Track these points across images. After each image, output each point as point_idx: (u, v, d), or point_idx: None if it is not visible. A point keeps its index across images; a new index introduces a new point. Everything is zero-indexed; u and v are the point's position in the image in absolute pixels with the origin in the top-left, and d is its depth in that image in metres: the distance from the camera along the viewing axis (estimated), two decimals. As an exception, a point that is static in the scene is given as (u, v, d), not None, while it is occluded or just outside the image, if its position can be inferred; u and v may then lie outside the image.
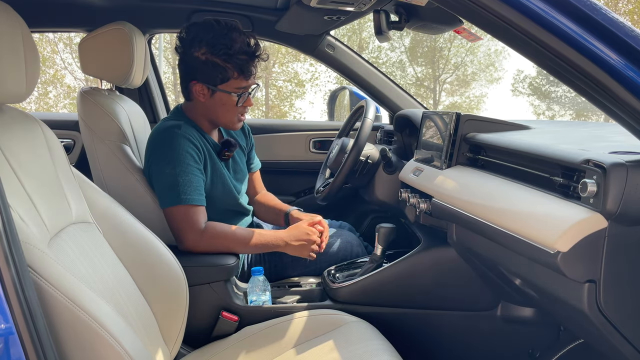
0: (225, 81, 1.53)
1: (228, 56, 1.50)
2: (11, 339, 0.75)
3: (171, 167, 1.49)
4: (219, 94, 1.55)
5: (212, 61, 1.51)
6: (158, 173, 1.53)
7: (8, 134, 1.04)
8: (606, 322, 0.96)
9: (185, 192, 1.48)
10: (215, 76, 1.52)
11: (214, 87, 1.54)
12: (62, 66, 16.22)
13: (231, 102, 1.56)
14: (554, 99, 19.65)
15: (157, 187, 1.54)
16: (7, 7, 0.99)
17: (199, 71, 1.53)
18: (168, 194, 1.50)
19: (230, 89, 1.54)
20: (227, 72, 1.52)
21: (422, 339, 1.56)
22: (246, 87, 1.57)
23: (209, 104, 1.58)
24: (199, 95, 1.57)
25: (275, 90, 18.58)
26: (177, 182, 1.48)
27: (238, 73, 1.52)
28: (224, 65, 1.51)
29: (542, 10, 0.79)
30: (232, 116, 1.60)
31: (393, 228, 1.59)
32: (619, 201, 0.88)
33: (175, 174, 1.49)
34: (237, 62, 1.51)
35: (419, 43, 18.91)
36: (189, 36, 1.53)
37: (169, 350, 1.28)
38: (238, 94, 1.56)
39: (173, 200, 1.49)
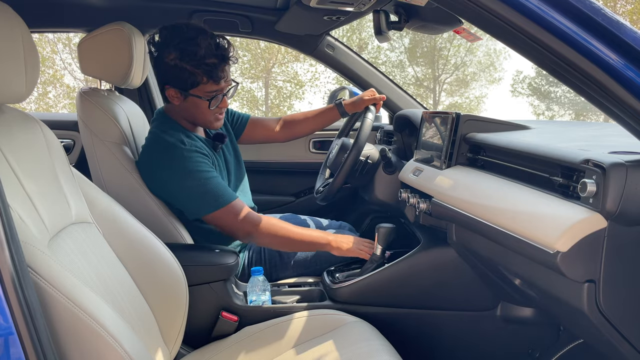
0: (195, 86, 1.53)
1: (196, 62, 1.49)
2: (11, 339, 0.75)
3: (193, 179, 1.50)
4: (191, 98, 1.56)
5: (181, 67, 1.50)
6: (180, 189, 1.52)
7: (8, 134, 1.03)
8: (606, 322, 0.96)
9: (221, 195, 1.51)
10: (185, 81, 1.52)
11: (185, 92, 1.55)
12: (61, 66, 16.23)
13: (204, 105, 1.57)
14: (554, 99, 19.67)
15: (186, 201, 1.55)
16: (6, 7, 0.99)
17: (170, 76, 1.53)
18: (204, 203, 1.51)
19: (201, 93, 1.55)
20: (196, 78, 1.52)
21: (421, 339, 1.56)
22: (218, 91, 1.56)
23: (184, 106, 1.59)
24: (173, 99, 1.58)
25: (275, 91, 18.59)
26: (206, 190, 1.50)
27: (207, 78, 1.52)
28: (192, 71, 1.51)
29: (542, 11, 0.79)
30: (208, 117, 1.61)
31: (393, 228, 1.59)
32: (618, 201, 0.88)
33: (200, 184, 1.50)
34: (206, 68, 1.50)
35: (419, 43, 18.92)
36: (160, 40, 1.53)
37: (168, 350, 1.28)
38: (209, 98, 1.56)
39: (212, 207, 1.51)
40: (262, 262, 1.75)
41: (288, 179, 2.56)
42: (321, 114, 2.00)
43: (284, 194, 2.55)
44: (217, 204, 1.51)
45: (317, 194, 1.93)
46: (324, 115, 1.99)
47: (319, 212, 2.27)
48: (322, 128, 2.02)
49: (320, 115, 2.00)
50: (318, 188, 1.98)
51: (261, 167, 2.46)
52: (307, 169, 2.47)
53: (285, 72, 18.31)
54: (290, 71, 18.29)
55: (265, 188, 1.90)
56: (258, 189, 1.99)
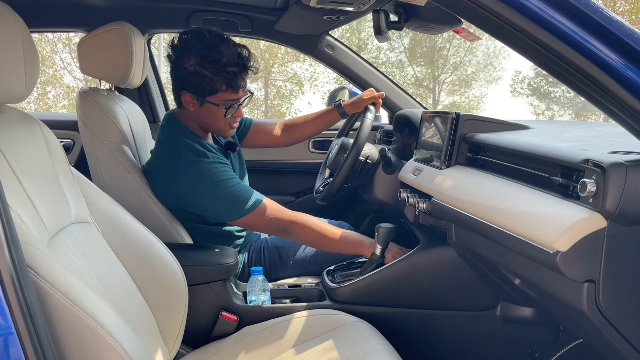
0: (214, 93, 1.53)
1: (216, 69, 1.49)
2: (11, 339, 0.75)
3: (220, 189, 1.50)
4: (207, 105, 1.55)
5: (200, 73, 1.50)
6: (208, 200, 1.52)
7: (8, 134, 1.03)
8: (605, 322, 0.96)
9: (249, 198, 1.52)
10: (203, 88, 1.52)
11: (202, 99, 1.54)
12: (61, 66, 16.23)
13: (220, 113, 1.56)
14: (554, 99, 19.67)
15: (216, 210, 1.55)
16: (6, 8, 0.99)
17: (188, 82, 1.52)
18: (233, 209, 1.52)
19: (218, 101, 1.54)
20: (215, 85, 1.51)
21: (421, 339, 1.56)
22: (235, 100, 1.56)
23: (199, 113, 1.58)
24: (188, 105, 1.57)
25: (275, 91, 18.59)
26: (235, 196, 1.51)
27: (226, 87, 1.52)
28: (212, 78, 1.50)
29: (542, 10, 0.79)
30: (223, 125, 1.61)
31: (393, 228, 1.59)
32: (618, 201, 0.88)
33: (228, 192, 1.50)
34: (226, 76, 1.50)
35: (419, 43, 18.92)
36: (181, 45, 1.53)
37: (168, 350, 1.28)
38: (226, 107, 1.55)
39: (243, 212, 1.52)
40: (262, 262, 1.75)
41: (288, 179, 2.56)
42: (321, 117, 2.00)
43: (284, 194, 2.55)
44: (248, 209, 1.52)
45: (317, 194, 1.93)
46: (324, 117, 1.99)
47: (319, 212, 2.26)
48: (323, 130, 2.03)
49: (321, 117, 2.00)
50: (318, 188, 1.98)
51: (261, 167, 2.46)
52: (307, 169, 2.47)
53: (285, 72, 18.32)
54: (290, 71, 18.30)
55: (265, 188, 1.90)
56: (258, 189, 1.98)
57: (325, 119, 1.99)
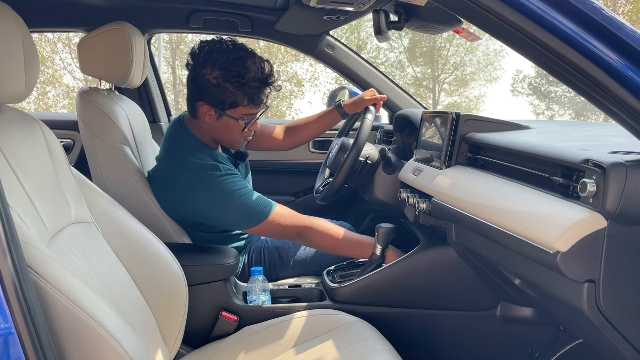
0: (234, 107, 1.50)
1: (240, 84, 1.46)
2: (11, 339, 0.75)
3: (234, 200, 1.49)
4: (225, 118, 1.52)
5: (223, 86, 1.47)
6: (223, 211, 1.52)
7: (8, 134, 1.03)
8: (605, 322, 0.96)
9: (262, 207, 1.52)
10: (224, 101, 1.49)
11: (221, 112, 1.51)
12: (61, 66, 16.22)
13: (238, 127, 1.55)
14: (554, 99, 19.66)
15: (229, 220, 1.55)
16: (6, 7, 0.99)
17: (208, 93, 1.49)
18: (247, 219, 1.52)
19: (238, 115, 1.52)
20: (237, 99, 1.49)
21: (421, 339, 1.56)
22: (255, 114, 1.54)
23: (215, 126, 1.55)
24: (205, 116, 1.53)
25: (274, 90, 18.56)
26: (248, 206, 1.50)
27: (248, 101, 1.50)
28: (234, 92, 1.48)
29: (542, 11, 0.79)
30: (238, 139, 1.59)
31: (393, 228, 1.59)
32: (618, 201, 0.88)
33: (242, 202, 1.50)
34: (249, 91, 1.48)
35: (418, 43, 18.91)
36: (203, 55, 1.49)
37: (168, 350, 1.28)
38: (246, 121, 1.54)
39: (256, 220, 1.52)
40: (262, 262, 1.75)
41: (288, 179, 2.56)
42: (322, 118, 1.99)
43: (284, 194, 2.55)
44: (261, 217, 1.52)
45: (317, 194, 1.93)
46: (324, 118, 1.99)
47: (318, 212, 2.27)
48: (324, 132, 2.03)
49: (321, 119, 1.99)
50: (318, 188, 1.98)
51: (261, 167, 2.46)
52: (307, 169, 2.47)
53: (285, 72, 18.30)
54: (290, 71, 18.29)
55: (265, 188, 1.90)
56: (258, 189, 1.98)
57: (326, 120, 1.99)
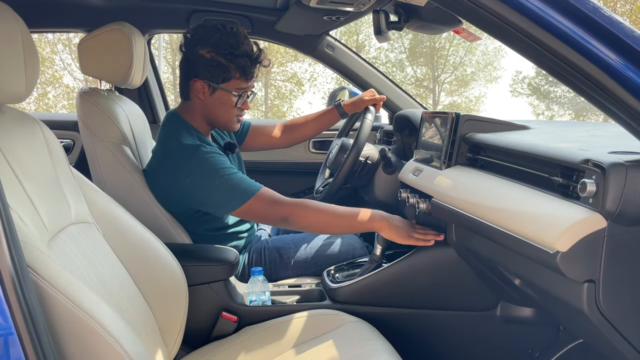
0: (227, 80, 1.56)
1: (232, 56, 1.53)
2: (11, 339, 0.75)
3: (218, 178, 1.49)
4: (219, 92, 1.57)
5: (216, 60, 1.53)
6: (207, 190, 1.51)
7: (8, 134, 1.03)
8: (605, 322, 0.96)
9: (246, 186, 1.50)
10: (217, 74, 1.55)
11: (215, 85, 1.56)
12: (61, 66, 16.23)
13: (230, 102, 1.58)
14: (553, 99, 19.66)
15: (214, 200, 1.53)
16: (6, 8, 0.99)
17: (201, 68, 1.55)
18: (232, 198, 1.50)
19: (231, 88, 1.57)
20: (230, 72, 1.55)
21: (421, 339, 1.56)
22: (245, 89, 1.59)
23: (208, 102, 1.59)
24: (199, 93, 1.58)
25: (275, 90, 18.58)
26: (232, 185, 1.49)
27: (240, 74, 1.55)
28: (227, 65, 1.54)
29: (541, 10, 0.79)
30: (231, 116, 1.62)
31: (392, 228, 1.59)
32: (618, 201, 0.88)
33: (225, 180, 1.49)
34: (241, 63, 1.54)
35: (418, 43, 18.92)
36: (196, 36, 1.56)
37: (168, 350, 1.28)
38: (238, 95, 1.58)
39: (242, 199, 1.49)
40: (262, 262, 1.75)
41: (288, 179, 2.56)
42: (321, 117, 2.00)
43: (283, 194, 2.55)
44: (247, 196, 1.50)
45: (317, 194, 1.93)
46: (323, 117, 2.00)
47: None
48: (322, 130, 2.03)
49: (320, 117, 2.00)
50: (318, 188, 1.98)
51: (261, 167, 2.46)
52: (307, 169, 2.47)
53: (285, 72, 18.31)
54: (290, 71, 18.30)
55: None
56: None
57: (324, 119, 1.99)
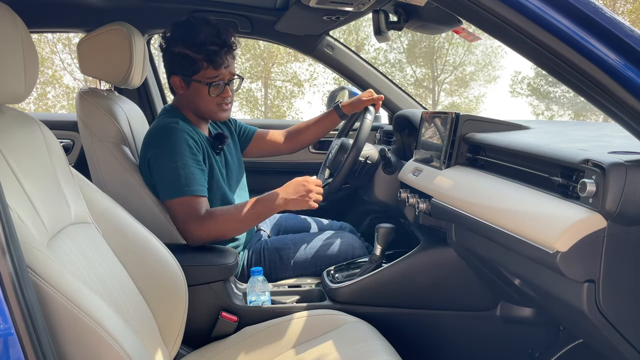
0: (197, 72, 1.58)
1: (197, 47, 1.55)
2: (10, 339, 0.75)
3: (172, 161, 1.51)
4: (193, 84, 1.61)
5: (183, 53, 1.57)
6: (158, 168, 1.54)
7: (7, 134, 1.03)
8: (605, 322, 0.96)
9: (187, 184, 1.50)
10: (187, 67, 1.58)
11: (187, 78, 1.60)
12: (61, 67, 16.22)
13: (204, 91, 1.61)
14: (553, 99, 19.67)
15: (158, 181, 1.55)
16: (5, 8, 0.99)
17: (174, 64, 1.60)
18: (169, 186, 1.51)
19: (202, 79, 1.59)
20: (197, 63, 1.57)
21: (421, 339, 1.56)
22: (218, 77, 1.60)
23: (187, 95, 1.63)
24: (178, 88, 1.63)
25: (274, 91, 18.58)
26: (178, 175, 1.50)
27: (207, 63, 1.57)
28: (193, 56, 1.57)
29: (541, 10, 0.79)
30: (211, 106, 1.64)
31: (392, 228, 1.59)
32: (618, 201, 0.88)
33: (176, 167, 1.50)
34: (206, 52, 1.56)
35: (418, 43, 18.92)
36: (168, 34, 1.61)
37: (168, 351, 1.28)
38: (208, 84, 1.59)
39: (174, 193, 1.50)
40: (261, 262, 1.75)
41: (288, 179, 2.55)
42: (322, 120, 1.99)
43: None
44: (180, 192, 1.50)
45: (317, 194, 1.92)
46: (324, 120, 1.99)
47: (318, 212, 2.26)
48: (325, 133, 2.02)
49: (321, 121, 1.99)
50: (317, 188, 1.98)
51: (261, 167, 2.45)
52: (307, 169, 2.46)
53: (285, 72, 18.31)
54: (290, 71, 18.29)
55: (265, 188, 1.89)
56: (258, 189, 1.98)
57: (325, 122, 1.99)
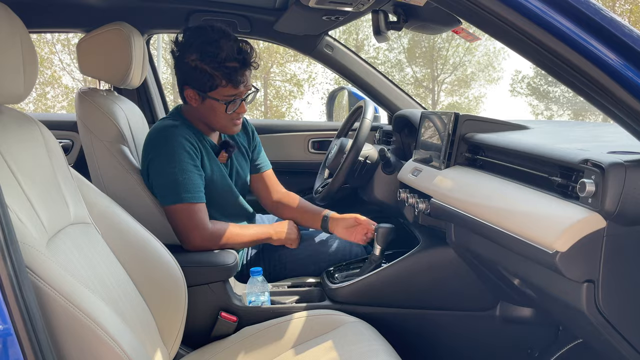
0: (214, 89, 1.52)
1: (216, 64, 1.48)
2: (9, 340, 0.75)
3: (170, 166, 1.50)
4: (208, 100, 1.55)
5: (201, 68, 1.50)
6: (156, 172, 1.53)
7: (6, 134, 1.03)
8: (605, 322, 0.96)
9: (187, 190, 1.50)
10: (204, 83, 1.51)
11: (203, 94, 1.54)
12: (60, 67, 16.21)
13: (220, 109, 1.56)
14: (552, 99, 19.68)
15: (157, 186, 1.54)
16: (5, 8, 0.98)
17: (190, 77, 1.53)
18: (169, 192, 1.51)
19: (219, 96, 1.53)
20: (215, 80, 1.51)
21: (420, 339, 1.56)
22: (236, 95, 1.55)
23: (201, 109, 1.58)
24: (191, 100, 1.57)
25: (274, 91, 18.58)
26: (176, 181, 1.49)
27: (226, 81, 1.51)
28: (212, 73, 1.50)
29: (541, 10, 0.79)
30: (225, 121, 1.60)
31: (392, 228, 1.59)
32: (617, 201, 0.88)
33: (174, 173, 1.49)
34: (225, 71, 1.49)
35: (418, 43, 18.93)
36: (183, 41, 1.53)
37: (167, 351, 1.27)
38: (226, 102, 1.54)
39: (174, 199, 1.50)
40: (261, 262, 1.75)
41: (287, 179, 2.55)
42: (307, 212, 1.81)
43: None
44: (180, 198, 1.49)
45: (316, 194, 1.93)
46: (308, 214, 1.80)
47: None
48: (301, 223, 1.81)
49: (307, 212, 1.81)
50: (317, 188, 1.98)
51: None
52: (306, 169, 2.46)
53: (284, 72, 18.32)
54: (289, 71, 18.30)
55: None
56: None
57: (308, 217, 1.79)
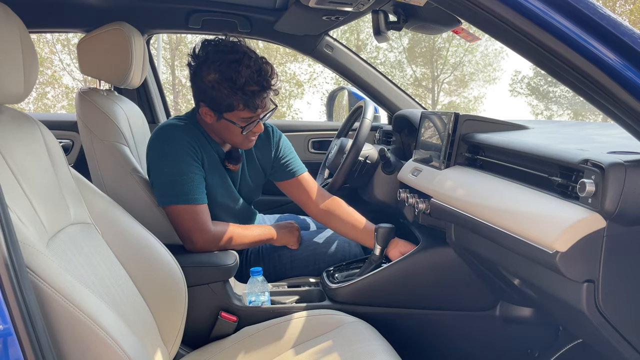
0: (231, 111, 1.48)
1: (235, 89, 1.43)
2: (9, 340, 0.75)
3: (170, 166, 1.49)
4: (224, 120, 1.51)
5: (218, 89, 1.45)
6: (157, 171, 1.53)
7: (6, 134, 1.03)
8: (605, 322, 0.96)
9: (188, 192, 1.49)
10: (220, 104, 1.47)
11: (219, 114, 1.50)
12: (60, 67, 16.21)
13: (236, 130, 1.52)
14: (552, 99, 19.66)
15: (156, 185, 1.53)
16: (5, 8, 0.99)
17: (206, 95, 1.48)
18: (167, 192, 1.50)
19: (235, 118, 1.49)
20: (233, 103, 1.46)
21: (420, 339, 1.56)
22: (252, 118, 1.50)
23: (216, 126, 1.54)
24: (205, 116, 1.53)
25: (274, 91, 18.55)
26: (176, 181, 1.48)
27: (244, 106, 1.46)
28: (230, 96, 1.45)
29: (541, 11, 0.79)
30: (240, 139, 1.56)
31: (392, 228, 1.59)
32: (617, 201, 0.88)
33: (174, 173, 1.49)
34: (243, 96, 1.44)
35: (417, 43, 18.93)
36: (202, 56, 1.48)
37: (167, 351, 1.28)
38: (242, 125, 1.51)
39: (173, 199, 1.49)
40: (261, 262, 1.75)
41: None
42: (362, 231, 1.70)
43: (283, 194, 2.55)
44: (180, 199, 1.48)
45: (316, 194, 1.92)
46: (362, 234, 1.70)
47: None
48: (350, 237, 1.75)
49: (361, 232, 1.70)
50: (317, 188, 1.98)
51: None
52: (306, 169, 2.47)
53: (284, 72, 18.31)
54: (289, 71, 18.30)
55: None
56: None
57: (361, 235, 1.70)
